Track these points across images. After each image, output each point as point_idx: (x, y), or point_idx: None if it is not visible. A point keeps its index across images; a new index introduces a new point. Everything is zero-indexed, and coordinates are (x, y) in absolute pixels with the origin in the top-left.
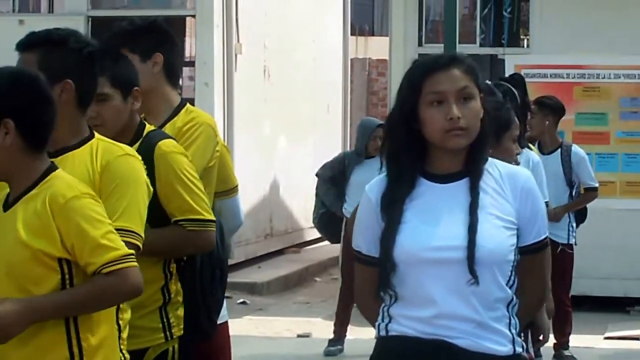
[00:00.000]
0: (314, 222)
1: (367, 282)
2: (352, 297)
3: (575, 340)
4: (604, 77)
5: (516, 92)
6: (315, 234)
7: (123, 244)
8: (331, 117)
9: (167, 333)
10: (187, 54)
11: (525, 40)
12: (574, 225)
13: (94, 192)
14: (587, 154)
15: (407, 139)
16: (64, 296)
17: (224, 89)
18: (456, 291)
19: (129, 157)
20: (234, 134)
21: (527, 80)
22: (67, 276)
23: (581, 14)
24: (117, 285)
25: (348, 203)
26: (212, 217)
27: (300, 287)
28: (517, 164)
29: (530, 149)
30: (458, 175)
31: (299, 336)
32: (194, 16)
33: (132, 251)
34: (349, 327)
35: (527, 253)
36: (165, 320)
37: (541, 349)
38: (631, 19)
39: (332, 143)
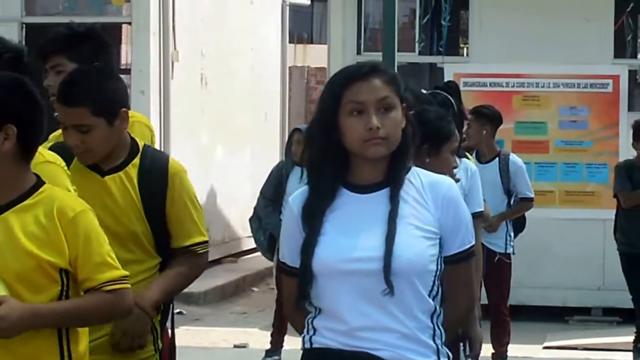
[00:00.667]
0: (257, 243)
1: (292, 293)
2: None
3: (514, 350)
4: (543, 86)
5: (453, 101)
6: (252, 243)
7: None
8: (269, 126)
9: (156, 345)
10: (122, 61)
11: (465, 49)
12: (512, 234)
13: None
14: (527, 163)
15: (328, 148)
16: (67, 306)
17: (160, 97)
18: (375, 302)
19: (48, 164)
20: (171, 142)
21: (466, 89)
22: (65, 287)
23: (520, 23)
24: (116, 304)
25: (284, 214)
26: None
27: (238, 297)
28: (456, 178)
29: (468, 158)
30: (379, 185)
31: (235, 347)
32: (129, 23)
33: (128, 273)
34: (286, 337)
35: (452, 263)
36: (155, 332)
37: (480, 359)
38: (570, 28)
39: (270, 152)
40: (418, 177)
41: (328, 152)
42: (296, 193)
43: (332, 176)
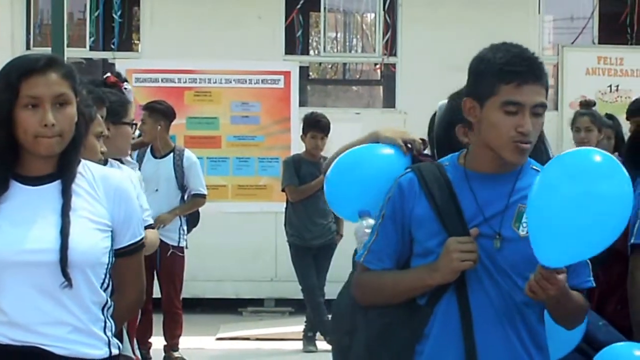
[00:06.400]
0: None
1: None
2: None
3: (187, 342)
4: (215, 82)
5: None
6: None
7: None
8: None
9: None
10: None
11: (139, 45)
12: (185, 228)
13: None
14: (199, 158)
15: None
16: None
17: None
18: (49, 295)
19: None
20: None
21: (138, 84)
22: None
23: (193, 19)
24: None
25: None
26: None
27: None
28: (105, 161)
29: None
30: (50, 177)
31: None
32: None
33: None
34: None
35: (124, 255)
36: None
37: (151, 351)
38: (242, 24)
39: None
40: (89, 170)
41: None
42: None
43: (1, 168)
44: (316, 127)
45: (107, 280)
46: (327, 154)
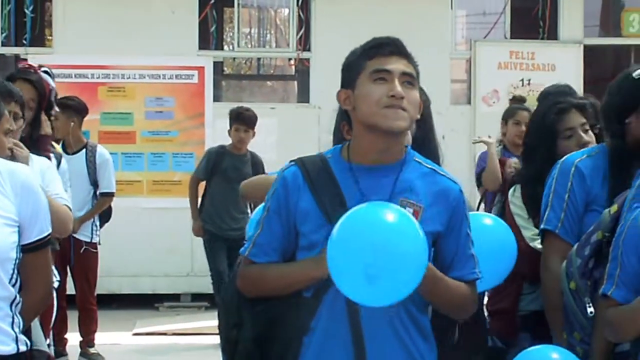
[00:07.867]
0: None
1: None
2: None
3: (103, 338)
4: (129, 77)
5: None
6: None
7: None
8: None
9: None
10: None
11: (52, 41)
12: (98, 224)
13: None
14: (114, 153)
15: None
16: None
17: None
18: None
19: None
20: None
21: None
22: None
23: (107, 14)
24: None
25: None
26: None
27: None
28: (14, 157)
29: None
30: None
31: None
32: None
33: None
34: None
35: (30, 251)
36: None
37: (67, 346)
38: (156, 19)
39: None
40: None
41: None
42: None
43: None
44: (238, 119)
45: (15, 276)
46: (251, 148)
